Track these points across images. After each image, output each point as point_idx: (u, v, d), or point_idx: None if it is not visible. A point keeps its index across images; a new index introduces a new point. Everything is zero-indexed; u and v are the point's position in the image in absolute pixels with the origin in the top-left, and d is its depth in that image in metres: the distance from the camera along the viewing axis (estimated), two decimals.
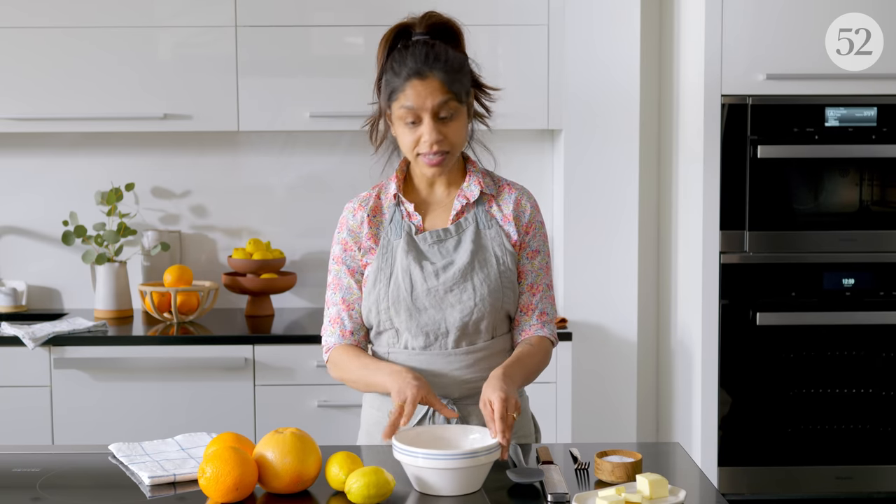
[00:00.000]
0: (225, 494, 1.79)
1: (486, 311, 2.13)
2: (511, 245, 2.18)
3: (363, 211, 2.20)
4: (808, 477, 3.42)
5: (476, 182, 2.19)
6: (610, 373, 3.67)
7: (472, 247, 2.15)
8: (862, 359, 3.42)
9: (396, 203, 2.19)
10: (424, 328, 2.13)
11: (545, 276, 2.21)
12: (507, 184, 2.24)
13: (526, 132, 3.83)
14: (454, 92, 2.07)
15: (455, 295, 2.12)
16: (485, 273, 2.14)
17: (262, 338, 3.37)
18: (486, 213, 2.19)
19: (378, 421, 2.21)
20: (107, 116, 3.54)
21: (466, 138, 2.17)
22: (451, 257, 2.14)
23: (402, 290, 2.12)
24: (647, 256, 3.87)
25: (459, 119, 2.11)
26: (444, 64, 2.07)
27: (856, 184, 3.40)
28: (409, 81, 2.07)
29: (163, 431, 2.98)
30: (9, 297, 3.74)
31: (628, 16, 3.57)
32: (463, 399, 2.16)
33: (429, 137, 2.08)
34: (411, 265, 2.13)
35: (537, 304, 2.20)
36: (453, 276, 2.12)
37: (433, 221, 2.19)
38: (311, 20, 3.54)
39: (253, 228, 3.90)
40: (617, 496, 1.72)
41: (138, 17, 3.51)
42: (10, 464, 2.06)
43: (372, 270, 2.16)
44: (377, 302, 2.14)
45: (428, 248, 2.15)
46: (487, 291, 2.13)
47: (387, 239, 2.17)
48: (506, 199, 2.21)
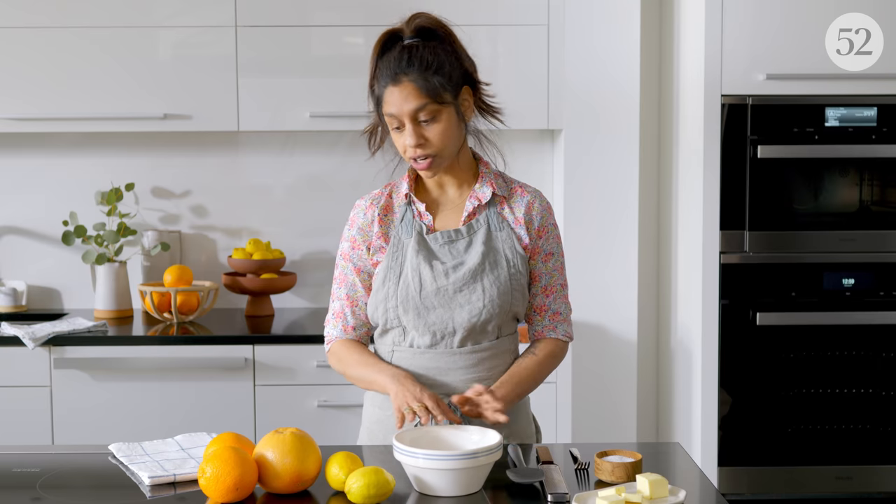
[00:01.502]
0: (225, 494, 1.79)
1: (495, 313, 2.14)
2: (522, 248, 2.18)
3: (374, 209, 2.20)
4: (808, 477, 3.43)
5: (488, 184, 2.19)
6: (610, 373, 3.67)
7: (484, 248, 2.15)
8: (862, 359, 3.42)
9: (408, 202, 2.20)
10: (432, 327, 2.13)
11: (559, 277, 2.23)
12: (520, 186, 2.24)
13: (526, 132, 3.83)
14: (430, 95, 2.06)
15: (464, 295, 2.13)
16: (495, 275, 2.14)
17: (262, 338, 3.37)
18: (498, 216, 2.19)
19: (380, 419, 2.21)
20: (107, 116, 3.54)
21: (458, 139, 2.14)
22: (461, 258, 2.15)
23: (411, 289, 2.13)
24: (647, 256, 3.87)
25: (442, 121, 2.09)
26: (419, 67, 2.06)
27: (856, 184, 3.40)
28: (386, 88, 2.09)
29: (163, 431, 2.98)
30: (9, 297, 3.74)
31: (628, 16, 3.57)
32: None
33: (409, 141, 2.09)
34: (421, 264, 2.13)
35: (550, 304, 2.22)
36: (463, 277, 2.13)
37: (444, 222, 2.20)
38: (311, 20, 3.54)
39: (253, 228, 3.90)
40: (617, 496, 1.72)
41: (138, 17, 3.51)
42: (10, 464, 2.06)
43: (382, 268, 2.16)
44: (385, 300, 2.15)
45: (439, 248, 2.16)
46: (497, 293, 2.13)
47: (397, 238, 2.17)
48: (518, 202, 2.21)
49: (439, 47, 2.11)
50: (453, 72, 2.10)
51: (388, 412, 2.19)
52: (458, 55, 2.13)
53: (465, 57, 2.15)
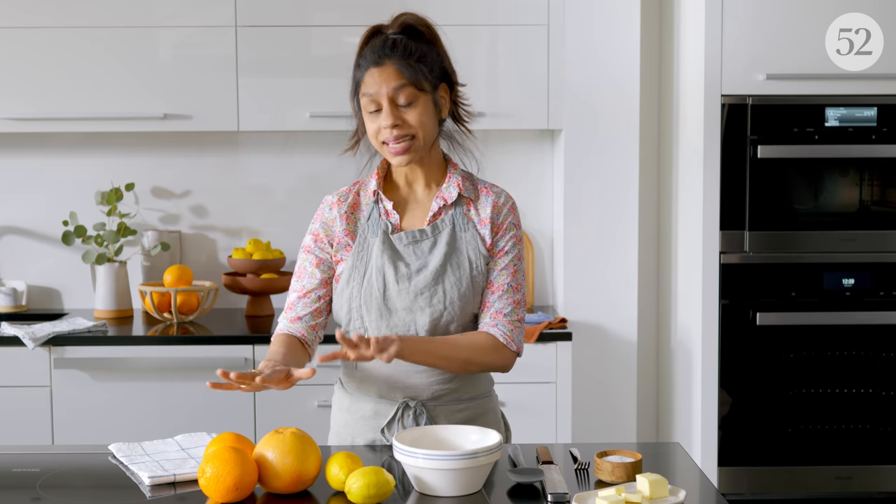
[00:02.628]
0: (225, 494, 1.79)
1: (456, 315, 2.14)
2: (486, 249, 2.18)
3: (341, 206, 2.20)
4: (808, 477, 3.43)
5: (455, 184, 2.19)
6: (610, 373, 3.67)
7: (447, 249, 2.15)
8: (862, 359, 3.42)
9: (375, 200, 2.20)
10: (394, 329, 2.13)
11: (509, 277, 2.18)
12: (486, 187, 2.23)
13: (526, 132, 3.83)
14: (410, 79, 2.08)
15: (425, 297, 2.12)
16: (456, 276, 2.14)
17: (262, 338, 3.37)
18: (464, 216, 2.19)
19: (347, 422, 2.22)
20: (107, 116, 3.54)
21: (433, 128, 2.15)
22: (425, 259, 2.14)
23: (374, 290, 2.13)
24: (647, 256, 3.87)
25: (420, 106, 2.10)
26: (402, 52, 2.10)
27: (856, 184, 3.40)
28: (367, 70, 2.11)
29: (163, 431, 2.98)
30: (9, 297, 3.74)
31: (628, 15, 3.57)
32: (431, 400, 2.16)
33: (385, 122, 2.09)
34: (385, 265, 2.13)
35: (494, 302, 2.17)
36: (425, 279, 2.13)
37: (410, 221, 2.20)
38: (311, 20, 3.54)
39: (253, 228, 3.90)
40: (617, 496, 1.72)
41: (138, 17, 3.51)
42: (10, 464, 2.06)
43: (346, 267, 2.16)
44: (349, 300, 2.15)
45: (403, 248, 2.16)
46: (458, 295, 2.13)
47: (363, 237, 2.17)
48: (483, 203, 2.20)
49: (423, 44, 2.14)
50: (434, 66, 2.13)
51: (355, 416, 2.20)
52: (440, 54, 2.16)
53: (445, 57, 2.18)
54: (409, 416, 2.15)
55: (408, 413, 2.15)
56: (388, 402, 2.17)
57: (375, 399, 2.18)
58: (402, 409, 2.15)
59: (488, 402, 2.25)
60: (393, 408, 2.16)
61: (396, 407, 2.15)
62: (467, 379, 2.19)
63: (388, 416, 2.16)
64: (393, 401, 2.17)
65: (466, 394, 2.20)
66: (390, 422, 2.15)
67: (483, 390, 2.24)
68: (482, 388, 2.24)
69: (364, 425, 2.19)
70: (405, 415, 2.15)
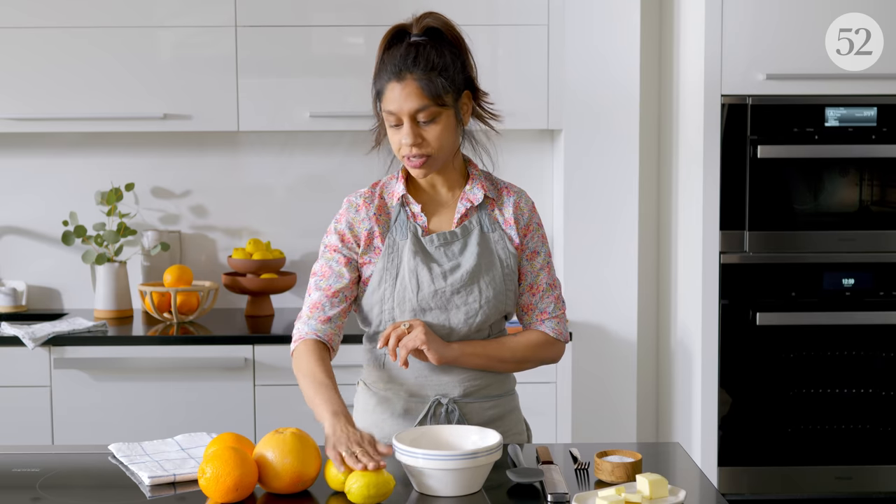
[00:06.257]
0: (225, 494, 1.79)
1: (490, 314, 2.15)
2: (514, 248, 2.19)
3: (368, 208, 2.18)
4: (808, 477, 3.43)
5: (479, 186, 2.19)
6: (610, 373, 3.67)
7: (479, 250, 2.16)
8: (862, 359, 3.42)
9: (401, 203, 2.19)
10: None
11: (545, 276, 2.22)
12: (506, 187, 2.24)
13: (526, 132, 3.83)
14: (431, 97, 2.05)
15: (461, 297, 2.13)
16: (490, 276, 2.15)
17: (262, 338, 3.37)
18: (490, 217, 2.20)
19: (376, 423, 2.21)
20: (107, 116, 3.54)
21: (454, 142, 2.14)
22: (457, 260, 2.15)
23: (408, 291, 2.12)
24: (647, 256, 3.87)
25: (441, 123, 2.08)
26: (424, 66, 2.05)
27: (856, 184, 3.40)
28: (388, 84, 2.07)
29: (163, 431, 2.98)
30: (9, 297, 3.74)
31: (628, 16, 3.57)
32: (462, 397, 2.16)
33: (406, 140, 2.08)
34: (418, 266, 2.13)
35: (537, 303, 2.22)
36: (461, 279, 2.13)
37: (438, 223, 2.20)
38: (311, 20, 3.54)
39: (253, 228, 3.90)
40: (617, 496, 1.73)
41: (138, 17, 3.51)
42: (10, 464, 2.06)
43: (377, 270, 2.15)
44: (381, 301, 2.15)
45: (434, 250, 2.16)
46: (493, 294, 2.14)
47: (392, 239, 2.16)
48: (506, 203, 2.21)
49: (446, 49, 2.09)
50: (457, 75, 2.09)
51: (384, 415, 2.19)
52: (464, 60, 2.13)
53: (468, 61, 2.14)
54: (442, 413, 2.14)
55: (440, 410, 2.15)
56: (418, 400, 2.16)
57: (405, 397, 2.17)
58: (434, 406, 2.15)
59: (513, 401, 2.27)
60: (425, 405, 2.15)
61: (428, 405, 2.15)
62: (495, 376, 2.20)
63: (421, 414, 2.15)
64: (423, 398, 2.16)
65: (495, 391, 2.21)
66: (423, 419, 2.15)
67: (509, 387, 2.26)
68: (508, 385, 2.25)
69: (395, 424, 2.17)
70: (437, 412, 2.14)
